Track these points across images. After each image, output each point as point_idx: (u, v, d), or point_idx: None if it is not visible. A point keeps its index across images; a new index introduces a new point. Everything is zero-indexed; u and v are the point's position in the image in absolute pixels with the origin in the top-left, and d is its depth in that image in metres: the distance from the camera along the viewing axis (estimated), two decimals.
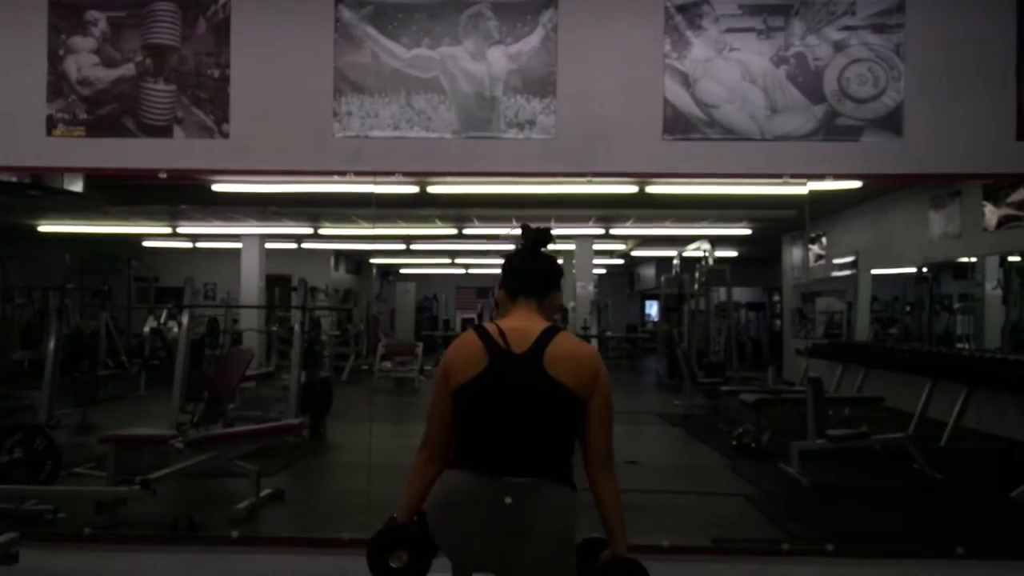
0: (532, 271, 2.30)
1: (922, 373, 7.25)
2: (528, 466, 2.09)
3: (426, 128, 3.78)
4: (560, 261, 2.36)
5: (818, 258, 10.32)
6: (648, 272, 16.86)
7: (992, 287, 7.47)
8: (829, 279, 10.23)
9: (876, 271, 9.50)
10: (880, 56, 3.72)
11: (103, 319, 10.04)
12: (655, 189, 4.91)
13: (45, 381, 6.34)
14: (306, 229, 11.58)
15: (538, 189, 5.11)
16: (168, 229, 11.11)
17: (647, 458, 6.39)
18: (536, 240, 2.31)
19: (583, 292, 10.80)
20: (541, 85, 3.77)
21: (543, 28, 3.75)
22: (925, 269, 8.67)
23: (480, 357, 2.14)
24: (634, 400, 10.45)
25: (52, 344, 6.45)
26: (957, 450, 6.46)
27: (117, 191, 7.61)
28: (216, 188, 5.50)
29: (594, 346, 4.85)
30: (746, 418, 7.25)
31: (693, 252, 11.07)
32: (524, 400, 2.11)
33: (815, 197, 4.15)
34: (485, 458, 2.10)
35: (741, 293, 14.05)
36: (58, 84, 3.82)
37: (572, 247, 10.93)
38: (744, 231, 10.55)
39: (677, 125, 3.75)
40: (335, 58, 3.79)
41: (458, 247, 13.83)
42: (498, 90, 3.77)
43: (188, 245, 11.86)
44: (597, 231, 10.69)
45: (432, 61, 3.78)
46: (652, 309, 18.96)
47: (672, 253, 12.01)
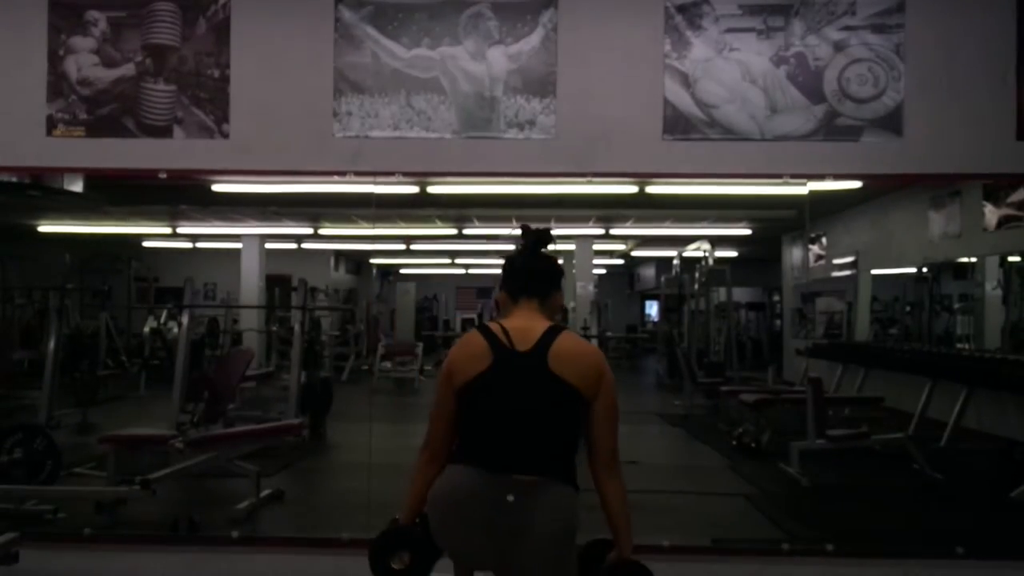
0: (533, 271, 2.30)
1: (922, 373, 7.24)
2: (532, 463, 2.09)
3: (426, 128, 3.78)
4: (560, 261, 2.37)
5: (818, 258, 10.32)
6: (648, 272, 16.86)
7: (992, 287, 7.47)
8: (829, 279, 10.22)
9: (876, 271, 9.49)
10: (880, 56, 3.72)
11: (103, 319, 10.04)
12: (655, 189, 4.90)
13: (45, 381, 6.33)
14: (306, 229, 11.57)
15: (538, 189, 5.11)
16: (168, 229, 11.10)
17: (647, 458, 6.38)
18: (536, 241, 2.31)
19: (583, 292, 10.79)
20: (541, 85, 3.77)
21: (543, 28, 3.75)
22: (925, 269, 8.66)
23: (484, 355, 2.14)
24: (634, 400, 10.43)
25: (52, 344, 6.45)
26: (957, 450, 6.45)
27: (117, 191, 7.60)
28: (216, 188, 5.49)
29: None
30: (746, 418, 7.25)
31: (693, 252, 11.07)
32: (528, 397, 2.11)
33: (815, 197, 4.15)
34: (489, 455, 2.10)
35: (741, 293, 14.06)
36: (58, 84, 3.82)
37: (572, 247, 10.92)
38: (744, 231, 10.54)
39: (677, 125, 3.75)
40: (335, 58, 3.79)
41: (458, 247, 13.82)
42: (498, 90, 3.77)
43: (188, 245, 11.86)
44: (597, 231, 10.68)
45: (432, 61, 3.78)
46: (652, 309, 18.97)
47: (672, 253, 12.01)
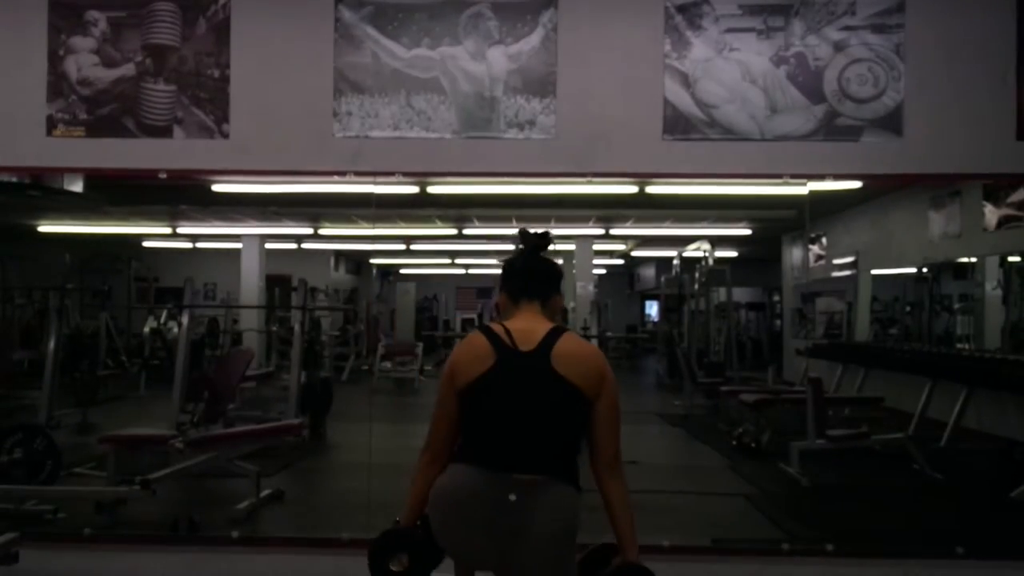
0: (534, 273, 2.31)
1: (922, 373, 7.24)
2: (534, 463, 2.09)
3: (426, 128, 3.78)
4: (560, 262, 2.37)
5: (818, 258, 10.31)
6: (648, 272, 16.87)
7: (992, 287, 7.47)
8: (829, 279, 10.22)
9: (876, 271, 9.49)
10: (880, 56, 3.72)
11: (103, 319, 10.03)
12: (655, 189, 4.90)
13: (45, 381, 6.33)
14: (306, 229, 11.57)
15: (538, 189, 5.11)
16: (168, 229, 11.09)
17: (647, 458, 6.37)
18: (536, 244, 2.33)
19: (583, 292, 10.78)
20: (541, 85, 3.77)
21: (543, 28, 3.75)
22: (925, 269, 8.66)
23: (487, 355, 2.15)
24: (634, 400, 10.42)
25: (52, 344, 6.44)
26: (957, 450, 6.45)
27: (117, 191, 7.59)
28: (216, 188, 5.48)
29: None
30: (746, 418, 7.25)
31: (693, 252, 11.07)
32: (532, 397, 2.11)
33: (815, 197, 4.15)
34: (491, 454, 2.10)
35: (741, 293, 14.07)
36: (58, 84, 3.82)
37: (572, 247, 10.92)
38: (744, 231, 10.54)
39: (677, 125, 3.75)
40: (335, 58, 3.79)
41: (458, 247, 13.82)
42: (498, 90, 3.77)
43: (188, 245, 11.84)
44: (597, 231, 10.68)
45: (432, 61, 3.78)
46: (652, 309, 18.98)
47: (672, 253, 12.01)
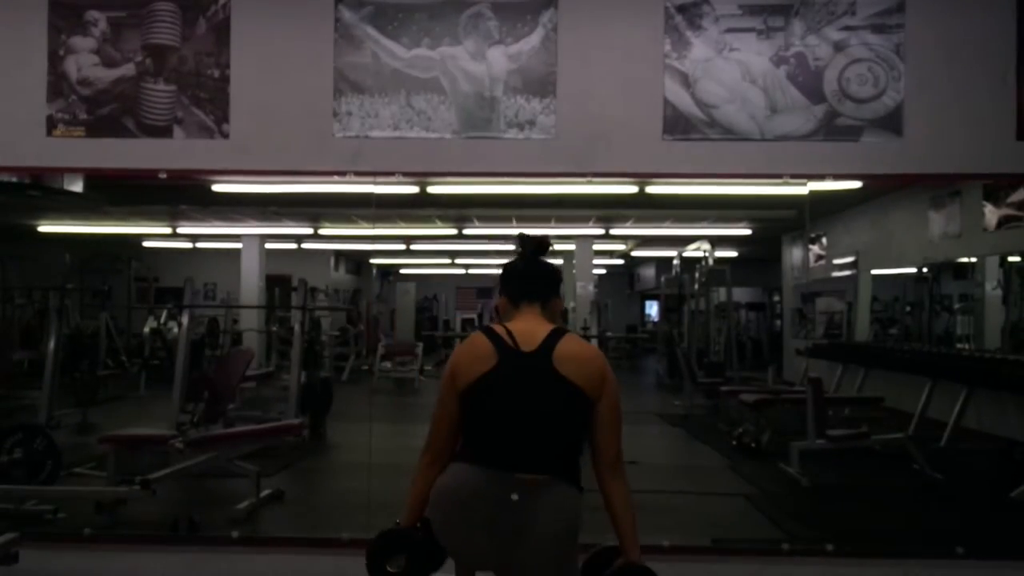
0: (534, 276, 2.32)
1: (922, 373, 7.24)
2: (537, 463, 2.09)
3: (426, 128, 3.78)
4: (560, 262, 2.37)
5: (818, 258, 10.31)
6: (648, 272, 16.87)
7: (992, 287, 7.47)
8: (829, 279, 10.22)
9: (876, 271, 9.49)
10: (880, 56, 3.71)
11: (103, 319, 10.03)
12: (655, 189, 4.90)
13: (45, 381, 6.33)
14: (306, 229, 11.57)
15: (538, 189, 5.11)
16: (168, 229, 11.09)
17: (647, 458, 6.37)
18: (535, 248, 2.34)
19: (583, 292, 10.77)
20: (541, 85, 3.77)
21: (543, 28, 3.75)
22: (925, 269, 8.66)
23: (489, 355, 2.15)
24: (634, 400, 10.42)
25: (52, 344, 6.44)
26: (957, 450, 6.45)
27: (117, 191, 7.60)
28: (216, 188, 5.49)
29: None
30: (746, 418, 7.25)
31: (693, 252, 11.07)
32: (535, 397, 2.12)
33: (815, 197, 4.15)
34: (494, 454, 2.10)
35: (741, 293, 14.06)
36: (58, 84, 3.82)
37: (572, 247, 10.92)
38: (744, 231, 10.53)
39: (677, 125, 3.75)
40: (335, 58, 3.79)
41: (458, 247, 13.82)
42: (498, 90, 3.77)
43: (188, 245, 11.85)
44: (597, 231, 10.67)
45: (432, 61, 3.78)
46: (652, 309, 18.98)
47: (672, 253, 12.01)
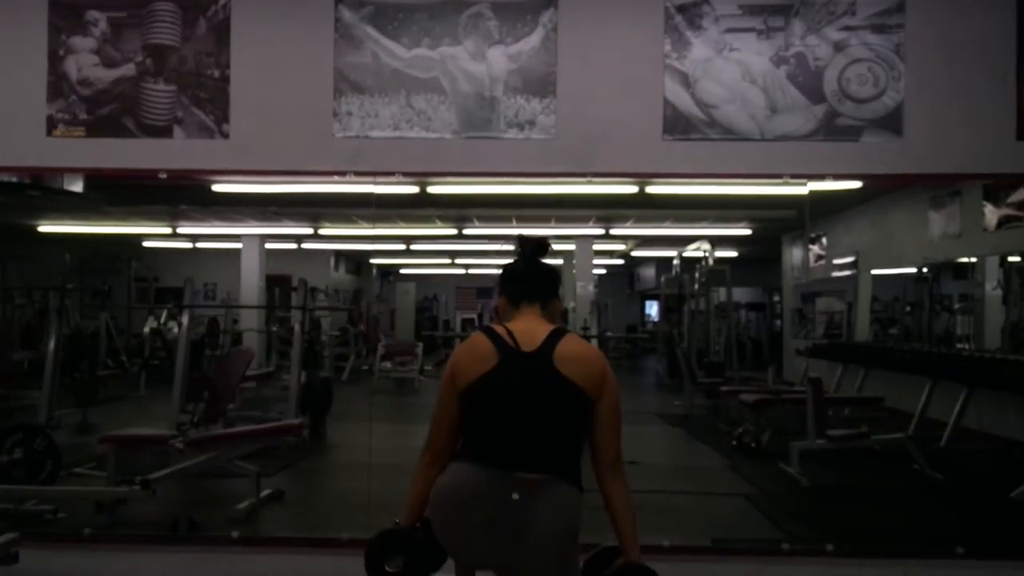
0: (534, 276, 2.33)
1: (922, 373, 7.24)
2: (538, 463, 2.09)
3: (426, 128, 3.78)
4: (560, 262, 2.38)
5: (818, 258, 10.31)
6: (648, 272, 16.86)
7: (992, 287, 7.47)
8: (829, 279, 10.22)
9: (876, 271, 9.49)
10: (880, 56, 3.71)
11: (103, 319, 10.03)
12: (655, 189, 4.90)
13: (45, 381, 6.33)
14: (306, 229, 11.57)
15: (538, 189, 5.11)
16: (168, 229, 11.09)
17: (647, 458, 6.37)
18: (534, 250, 2.35)
19: (583, 292, 10.76)
20: (541, 85, 3.77)
21: (543, 28, 3.75)
22: (925, 269, 8.66)
23: (490, 355, 2.15)
24: (634, 400, 10.42)
25: (52, 344, 6.44)
26: (957, 450, 6.45)
27: (117, 191, 7.60)
28: (216, 188, 5.49)
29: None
30: (746, 418, 7.25)
31: (693, 252, 11.06)
32: (536, 396, 2.12)
33: (815, 197, 4.15)
34: (495, 453, 2.10)
35: (741, 293, 14.05)
36: (58, 84, 3.82)
37: (572, 247, 10.92)
38: (744, 231, 10.53)
39: (677, 125, 3.75)
40: (335, 58, 3.79)
41: (458, 247, 13.82)
42: (498, 90, 3.77)
43: (188, 245, 11.85)
44: (597, 231, 10.67)
45: (432, 61, 3.77)
46: (652, 309, 18.97)
47: (672, 253, 12.00)
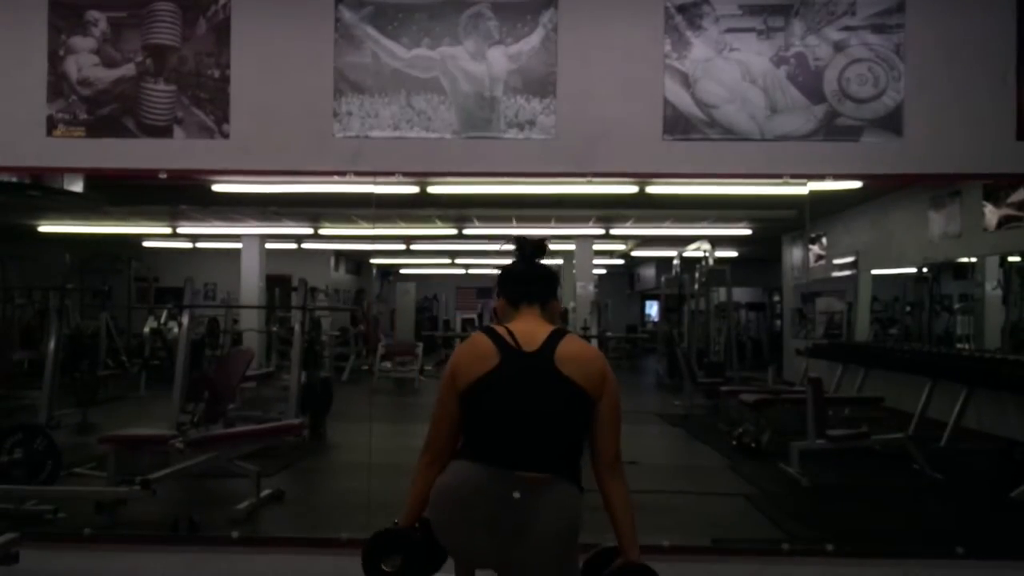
0: (534, 277, 2.34)
1: (922, 373, 7.24)
2: (539, 462, 2.10)
3: (426, 128, 3.78)
4: (560, 262, 2.39)
5: (818, 258, 10.31)
6: (648, 272, 16.85)
7: (992, 287, 7.47)
8: (829, 279, 10.22)
9: (876, 271, 9.49)
10: (880, 56, 3.72)
11: (103, 319, 10.03)
12: (655, 189, 4.90)
13: (45, 381, 6.33)
14: (306, 229, 11.57)
15: (538, 189, 5.11)
16: (168, 229, 11.09)
17: (647, 458, 6.37)
18: (533, 251, 2.36)
19: (583, 292, 10.75)
20: (541, 85, 3.77)
21: (543, 28, 3.75)
22: (925, 269, 8.66)
23: (491, 355, 2.16)
24: (634, 400, 10.40)
25: (52, 344, 6.45)
26: (957, 450, 6.45)
27: (117, 191, 7.60)
28: (216, 188, 5.49)
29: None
30: (746, 418, 7.25)
31: (693, 252, 11.05)
32: (537, 396, 2.12)
33: (815, 197, 4.15)
34: (496, 452, 2.11)
35: (741, 293, 14.03)
36: (58, 84, 3.82)
37: (572, 247, 10.91)
38: (744, 231, 10.53)
39: (677, 125, 3.75)
40: (335, 58, 3.79)
41: (458, 247, 13.81)
42: (498, 90, 3.77)
43: (188, 245, 11.84)
44: (597, 231, 10.66)
45: (432, 61, 3.78)
46: (652, 309, 18.94)
47: (672, 253, 11.99)
